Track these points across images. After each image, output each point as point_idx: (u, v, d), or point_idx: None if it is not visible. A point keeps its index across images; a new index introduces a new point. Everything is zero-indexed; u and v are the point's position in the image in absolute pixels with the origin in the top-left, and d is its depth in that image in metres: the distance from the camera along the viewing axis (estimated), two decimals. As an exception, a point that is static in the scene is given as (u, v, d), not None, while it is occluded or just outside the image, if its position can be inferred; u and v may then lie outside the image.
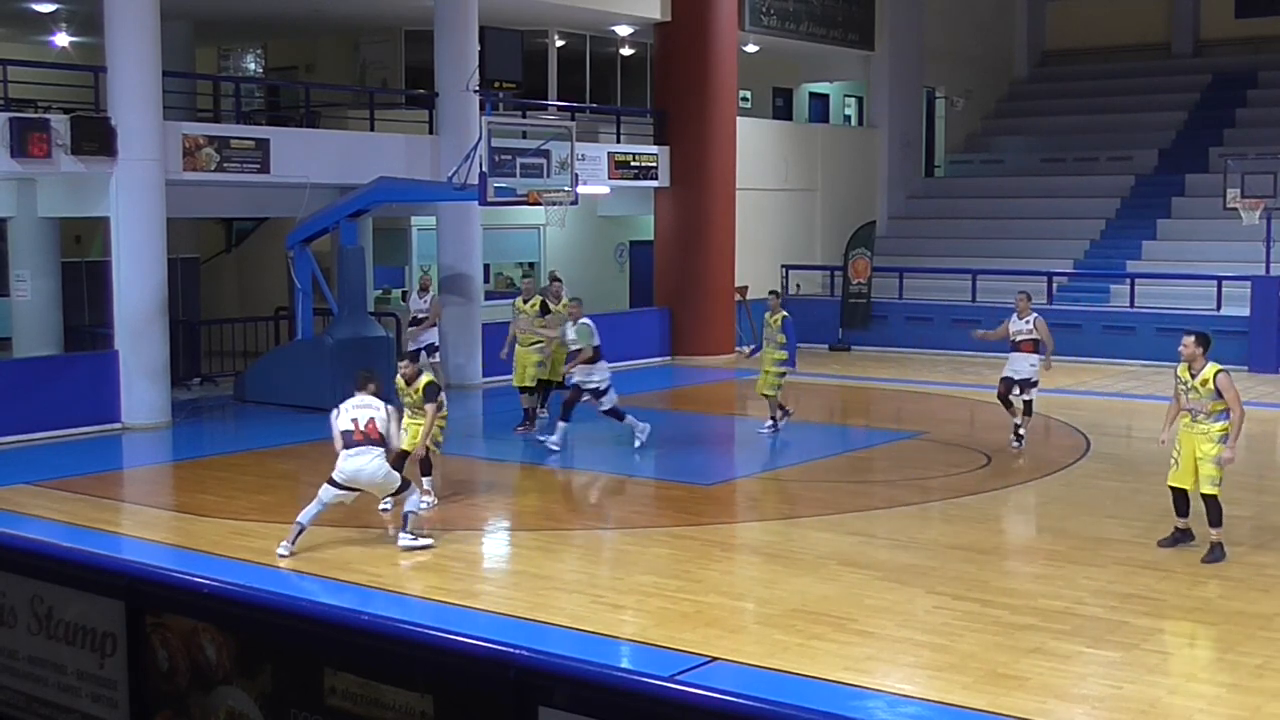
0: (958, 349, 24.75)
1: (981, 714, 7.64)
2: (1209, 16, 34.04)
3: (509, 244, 24.97)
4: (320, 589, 10.02)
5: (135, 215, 16.98)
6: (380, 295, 23.84)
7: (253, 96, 26.15)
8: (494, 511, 13.45)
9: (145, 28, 16.87)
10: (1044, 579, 10.43)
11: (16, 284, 19.18)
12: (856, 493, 13.96)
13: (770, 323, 16.44)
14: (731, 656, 8.62)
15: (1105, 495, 13.51)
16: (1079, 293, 25.47)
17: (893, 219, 30.07)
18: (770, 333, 16.38)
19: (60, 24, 21.90)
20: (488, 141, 17.45)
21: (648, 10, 24.07)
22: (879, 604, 9.73)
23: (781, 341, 16.28)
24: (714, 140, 24.51)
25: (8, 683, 5.75)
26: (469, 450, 16.21)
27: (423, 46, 21.97)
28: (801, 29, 27.56)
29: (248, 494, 13.55)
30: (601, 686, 4.11)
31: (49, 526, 12.01)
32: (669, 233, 24.79)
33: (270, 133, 19.51)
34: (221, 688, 5.03)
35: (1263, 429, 17.56)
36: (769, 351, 16.42)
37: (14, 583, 5.70)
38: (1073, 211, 28.51)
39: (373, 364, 19.17)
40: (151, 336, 17.19)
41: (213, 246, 25.45)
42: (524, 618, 9.45)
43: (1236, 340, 22.40)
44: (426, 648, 4.54)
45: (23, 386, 16.45)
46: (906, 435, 17.02)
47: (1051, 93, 34.49)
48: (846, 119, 33.79)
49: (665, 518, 12.88)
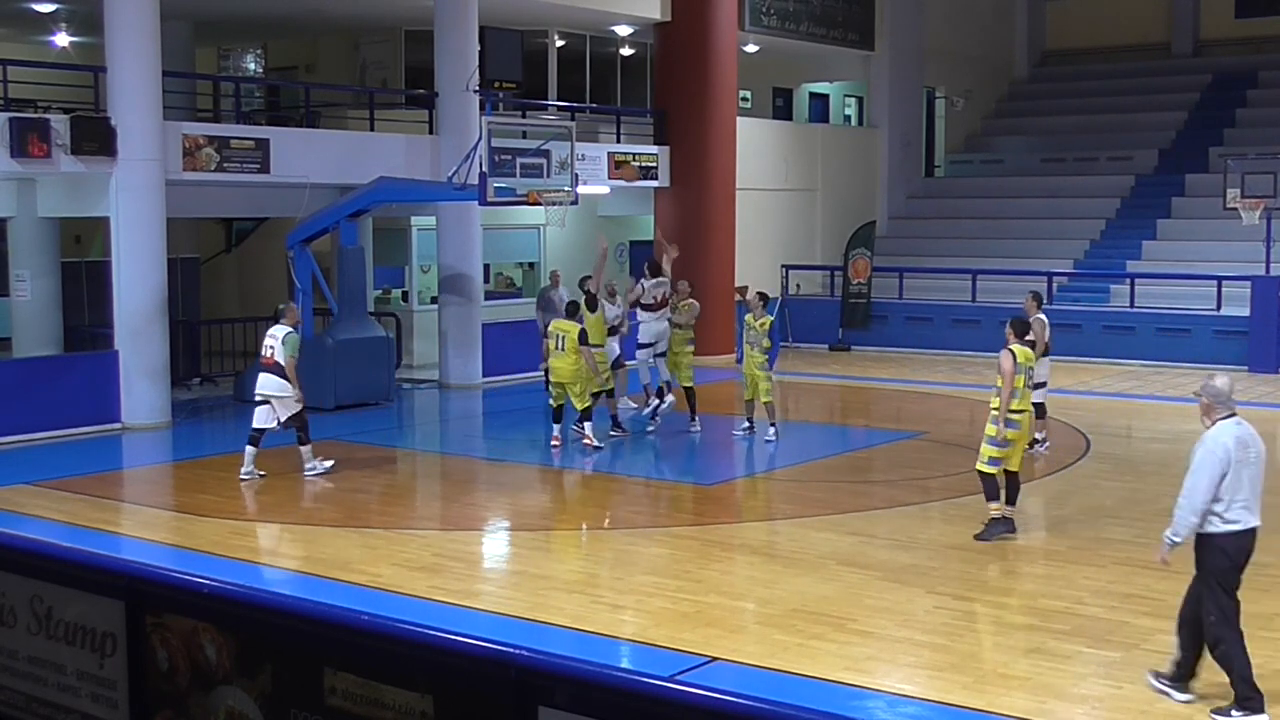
0: (958, 349, 24.80)
1: (981, 714, 7.64)
2: (1209, 16, 34.04)
3: (509, 244, 24.97)
4: (320, 589, 10.01)
5: (135, 215, 16.98)
6: (380, 295, 23.84)
7: (253, 96, 26.15)
8: (494, 511, 13.45)
9: (145, 28, 16.87)
10: (1044, 579, 10.43)
11: (16, 284, 19.17)
12: (856, 493, 13.96)
13: (755, 326, 15.83)
14: (731, 656, 8.62)
15: (1105, 495, 13.51)
16: (1079, 293, 25.47)
17: (893, 219, 30.06)
18: (755, 336, 15.75)
19: (60, 24, 21.89)
20: (488, 141, 17.46)
21: (648, 10, 24.07)
22: (879, 604, 9.72)
23: (767, 346, 15.76)
24: (714, 140, 24.51)
25: (8, 683, 5.75)
26: (469, 450, 16.22)
27: (423, 46, 21.97)
28: (801, 29, 27.55)
29: (248, 494, 13.54)
30: (601, 686, 4.11)
31: (49, 526, 12.00)
32: (669, 233, 24.75)
33: (270, 133, 19.50)
34: (221, 688, 5.03)
35: (1263, 429, 17.46)
36: (752, 356, 15.87)
37: (14, 583, 5.70)
38: (1073, 211, 28.51)
39: (373, 364, 19.38)
40: (151, 336, 17.18)
41: (213, 246, 25.44)
42: (524, 618, 9.45)
43: (1236, 340, 22.42)
44: (426, 648, 4.54)
45: (23, 386, 16.44)
46: (906, 435, 17.01)
47: (1051, 93, 34.49)
48: (846, 119, 33.79)
49: (665, 518, 12.89)
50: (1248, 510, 7.62)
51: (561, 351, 15.20)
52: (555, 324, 15.49)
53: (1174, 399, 19.20)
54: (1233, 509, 7.59)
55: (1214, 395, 7.82)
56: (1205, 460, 7.62)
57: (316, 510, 13.13)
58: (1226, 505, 7.58)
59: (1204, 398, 7.88)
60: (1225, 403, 7.82)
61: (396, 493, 14.39)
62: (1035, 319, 15.07)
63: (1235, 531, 7.60)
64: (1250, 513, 7.63)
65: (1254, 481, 7.66)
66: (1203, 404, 7.91)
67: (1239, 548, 7.67)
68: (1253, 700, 7.49)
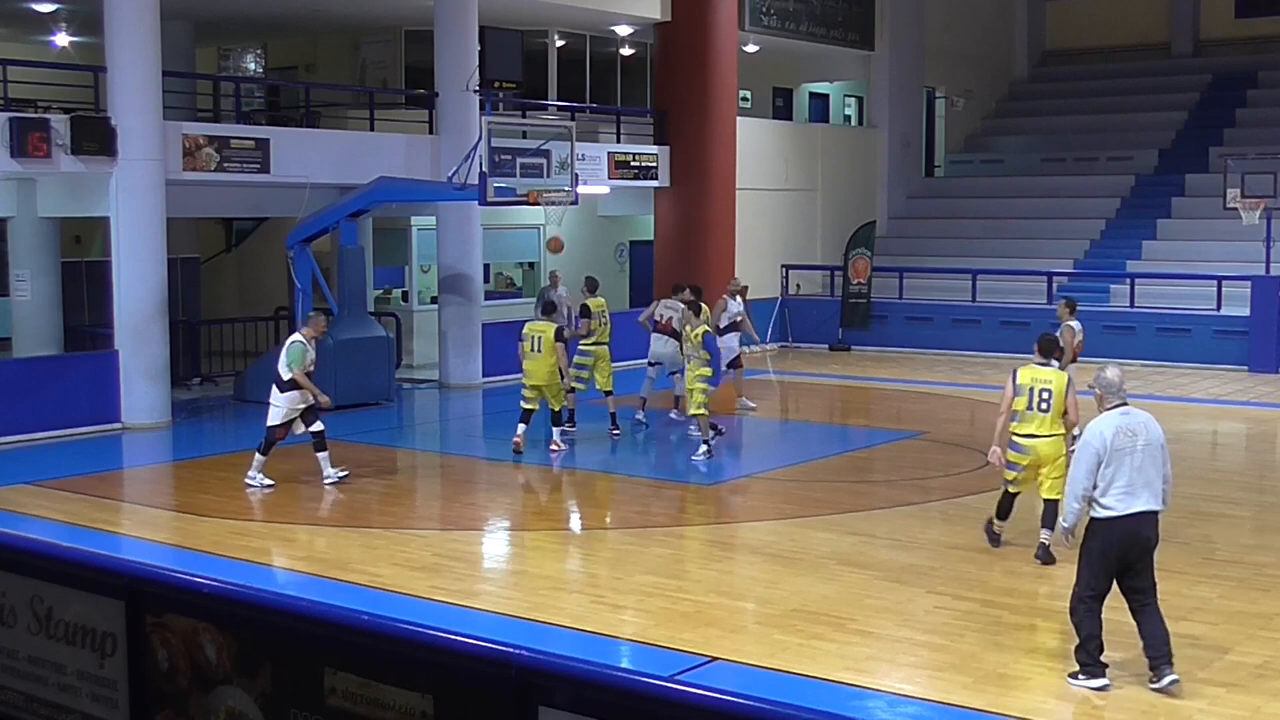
0: (958, 349, 24.81)
1: (981, 714, 7.64)
2: (1209, 16, 34.05)
3: (509, 244, 24.97)
4: (320, 589, 10.01)
5: (135, 215, 16.98)
6: (380, 295, 23.84)
7: (253, 96, 26.14)
8: (494, 511, 13.46)
9: (145, 28, 16.87)
10: (1044, 579, 10.43)
11: (16, 284, 19.17)
12: (856, 493, 13.96)
13: (691, 338, 14.97)
14: (731, 656, 8.62)
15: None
16: (1079, 293, 25.34)
17: (893, 219, 30.07)
18: (691, 349, 15.02)
19: (60, 24, 21.90)
20: (488, 141, 17.46)
21: (648, 10, 24.07)
22: (879, 604, 9.73)
23: (706, 358, 14.84)
24: (714, 140, 24.51)
25: (8, 683, 5.75)
26: (469, 450, 16.23)
27: (423, 46, 21.97)
28: (801, 29, 27.56)
29: (248, 494, 13.54)
30: (602, 686, 4.11)
31: (49, 526, 12.00)
32: (669, 233, 24.80)
33: (270, 133, 19.51)
34: (221, 688, 5.03)
35: (1263, 429, 17.56)
36: (692, 368, 15.05)
37: (14, 583, 5.70)
38: (1073, 211, 28.51)
39: (373, 364, 19.39)
40: (151, 336, 17.19)
41: (213, 246, 25.45)
42: (524, 618, 9.45)
43: (1236, 340, 22.42)
44: (426, 648, 4.54)
45: (23, 386, 16.45)
46: (906, 435, 17.02)
47: (1051, 93, 34.50)
48: (846, 119, 33.79)
49: (665, 518, 12.89)
50: (1128, 496, 7.88)
51: (537, 353, 14.93)
52: (529, 326, 15.31)
53: (1174, 399, 19.20)
54: (1109, 495, 7.88)
55: (1105, 386, 8.20)
56: (1081, 451, 8.04)
57: (316, 510, 13.14)
58: (1103, 491, 7.90)
59: (1096, 389, 8.23)
60: (1115, 393, 8.17)
61: (396, 493, 14.38)
62: (1065, 326, 14.66)
63: (1110, 517, 7.88)
64: (1128, 499, 7.86)
65: (1139, 469, 7.90)
66: (1096, 395, 8.25)
67: (1116, 532, 7.91)
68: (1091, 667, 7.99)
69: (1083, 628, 8.05)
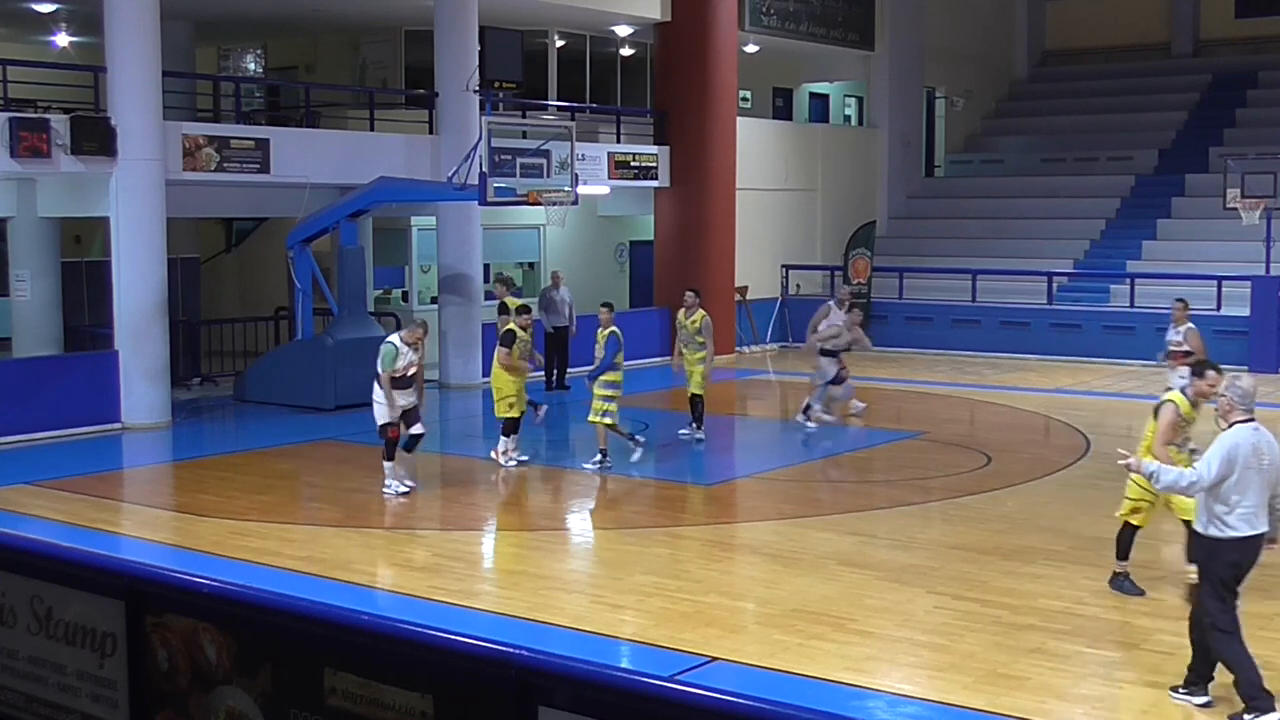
0: (958, 349, 24.81)
1: (981, 714, 7.64)
2: (1209, 16, 34.05)
3: (509, 244, 24.96)
4: (320, 589, 10.01)
5: (135, 215, 16.98)
6: (380, 295, 23.83)
7: (253, 96, 26.14)
8: (494, 511, 13.45)
9: (145, 28, 16.87)
10: (1044, 579, 10.43)
11: (16, 284, 19.17)
12: (856, 493, 13.96)
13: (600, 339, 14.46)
14: (731, 656, 8.62)
15: (1105, 495, 13.45)
16: (1079, 293, 25.48)
17: (893, 219, 30.06)
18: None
19: (60, 24, 21.89)
20: (488, 141, 17.46)
21: (648, 10, 24.07)
22: (879, 604, 9.73)
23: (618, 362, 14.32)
24: (714, 140, 24.50)
25: (8, 683, 5.75)
26: (469, 450, 16.22)
27: (423, 46, 21.96)
28: (801, 29, 27.55)
29: (248, 494, 13.54)
30: (601, 686, 4.11)
31: (49, 526, 12.00)
32: (669, 233, 24.79)
33: (270, 133, 19.50)
34: (221, 688, 5.03)
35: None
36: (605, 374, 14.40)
37: (14, 583, 5.70)
38: (1073, 211, 28.51)
39: (373, 364, 19.30)
40: (151, 336, 17.18)
41: (213, 246, 25.45)
42: (524, 618, 9.45)
43: (1236, 340, 22.40)
44: (426, 648, 4.55)
45: (23, 386, 16.44)
46: (906, 435, 17.02)
47: (1051, 93, 34.50)
48: (846, 119, 33.78)
49: (665, 518, 12.89)
50: (1254, 517, 7.54)
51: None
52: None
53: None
54: (1235, 514, 7.51)
55: (1241, 397, 7.64)
56: (1224, 453, 7.47)
57: (316, 510, 13.13)
58: (1230, 509, 7.51)
59: (1226, 397, 7.70)
60: (1247, 406, 7.65)
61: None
62: (1188, 329, 13.89)
63: (1238, 538, 7.54)
64: (1254, 521, 7.54)
65: (1260, 490, 7.54)
66: (1223, 405, 7.73)
67: (1249, 553, 7.60)
68: (1259, 701, 7.46)
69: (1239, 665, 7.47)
